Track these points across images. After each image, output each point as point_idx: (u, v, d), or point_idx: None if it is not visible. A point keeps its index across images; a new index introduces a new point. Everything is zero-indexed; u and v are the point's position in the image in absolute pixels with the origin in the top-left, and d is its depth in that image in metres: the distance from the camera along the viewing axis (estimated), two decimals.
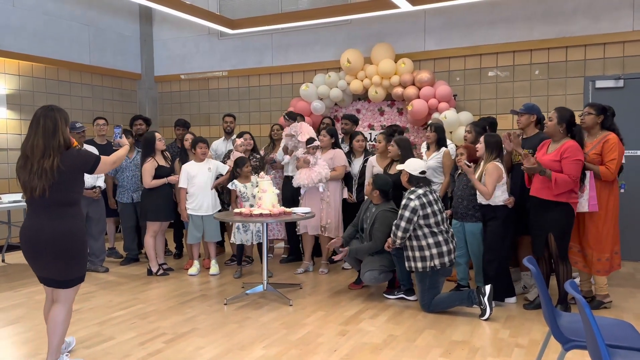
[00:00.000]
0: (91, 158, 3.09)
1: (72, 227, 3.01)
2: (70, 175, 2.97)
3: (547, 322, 2.61)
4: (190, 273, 5.62)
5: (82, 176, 3.10)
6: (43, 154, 2.90)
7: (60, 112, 3.01)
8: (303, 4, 7.84)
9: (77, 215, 3.06)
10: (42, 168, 2.88)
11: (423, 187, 4.29)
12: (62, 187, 2.95)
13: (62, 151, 2.94)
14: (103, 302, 4.65)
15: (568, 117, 4.11)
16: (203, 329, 3.95)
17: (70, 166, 2.96)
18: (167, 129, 8.49)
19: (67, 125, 3.00)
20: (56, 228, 2.95)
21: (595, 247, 4.25)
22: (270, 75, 8.26)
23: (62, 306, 3.06)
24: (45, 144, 2.90)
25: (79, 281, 3.11)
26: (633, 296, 4.73)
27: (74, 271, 3.04)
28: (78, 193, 3.09)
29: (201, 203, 5.56)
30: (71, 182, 3.00)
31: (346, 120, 6.28)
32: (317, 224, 5.55)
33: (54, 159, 2.89)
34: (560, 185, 3.96)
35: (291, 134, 5.70)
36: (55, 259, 2.97)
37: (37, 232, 2.95)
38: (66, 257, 2.99)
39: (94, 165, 3.08)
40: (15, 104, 7.21)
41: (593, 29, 6.28)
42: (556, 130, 4.12)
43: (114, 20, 8.58)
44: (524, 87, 6.69)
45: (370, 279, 4.62)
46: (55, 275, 3.01)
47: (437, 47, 7.08)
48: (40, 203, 2.95)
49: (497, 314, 4.19)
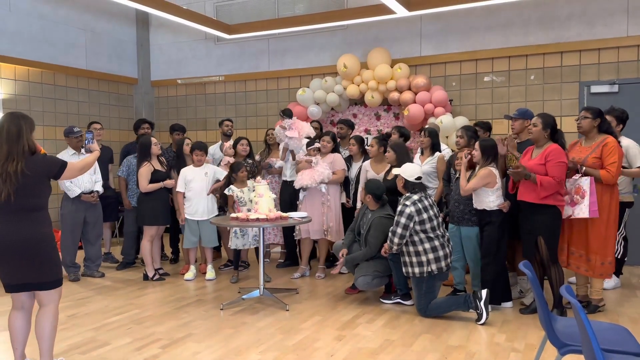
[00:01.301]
0: (56, 163, 3.08)
1: (39, 233, 2.99)
2: (35, 180, 2.97)
3: (543, 327, 2.62)
4: (187, 278, 5.61)
5: (47, 181, 3.07)
6: (6, 158, 2.92)
7: (26, 119, 3.04)
8: (299, 9, 7.87)
9: (44, 220, 3.04)
10: (7, 172, 2.89)
11: (418, 193, 4.30)
12: (28, 192, 2.95)
13: (27, 156, 2.96)
14: (99, 307, 4.64)
15: (552, 123, 4.21)
16: (199, 334, 3.94)
17: (35, 171, 2.97)
18: (164, 133, 8.48)
19: (31, 131, 3.03)
20: (23, 233, 2.93)
21: (599, 250, 4.23)
22: (267, 80, 8.28)
23: (47, 309, 3.06)
24: (8, 149, 2.93)
25: (58, 284, 3.09)
26: (628, 300, 4.74)
27: (48, 274, 3.02)
28: (44, 198, 3.06)
29: (197, 208, 5.56)
30: (36, 187, 2.99)
31: (341, 125, 6.29)
32: (320, 229, 5.55)
33: (18, 163, 2.91)
34: (546, 188, 4.02)
35: (284, 126, 5.70)
36: (27, 263, 2.95)
37: (4, 238, 2.93)
38: (37, 261, 2.97)
39: (60, 171, 3.07)
40: (11, 108, 7.19)
41: (588, 34, 6.32)
42: (541, 135, 4.20)
43: (111, 25, 8.58)
44: (519, 92, 6.72)
45: (363, 285, 4.62)
46: (31, 279, 2.99)
47: (433, 52, 7.11)
48: (5, 208, 2.93)
49: (494, 318, 4.19)
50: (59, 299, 3.14)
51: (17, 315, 3.09)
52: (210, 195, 5.65)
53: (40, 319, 3.06)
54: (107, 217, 6.31)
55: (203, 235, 5.61)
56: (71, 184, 5.46)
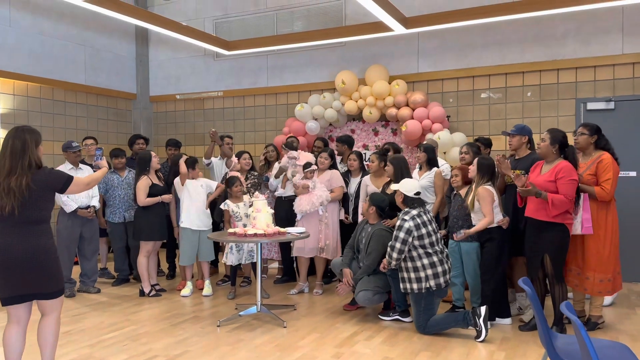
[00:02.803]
0: (62, 178, 3.12)
1: (42, 245, 3.02)
2: (40, 194, 3.01)
3: (543, 344, 2.60)
4: (183, 294, 5.57)
5: (52, 195, 3.12)
6: (9, 173, 2.95)
7: (32, 133, 3.08)
8: (298, 26, 7.94)
9: (46, 232, 3.08)
10: (9, 187, 2.92)
11: (417, 208, 4.30)
12: (32, 206, 2.98)
13: (34, 171, 3.00)
14: (94, 324, 4.59)
15: (560, 138, 4.14)
16: (195, 351, 3.89)
17: (41, 185, 3.00)
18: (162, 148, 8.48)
19: (37, 145, 3.06)
20: (26, 246, 2.97)
21: (598, 268, 4.20)
22: (266, 95, 8.32)
23: (51, 317, 3.13)
24: (11, 164, 2.96)
25: (61, 293, 3.15)
26: (628, 317, 4.72)
27: (53, 284, 3.07)
28: (48, 211, 3.11)
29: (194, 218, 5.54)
30: (41, 201, 3.03)
31: (338, 143, 6.31)
32: (315, 246, 5.52)
33: (23, 177, 2.94)
34: (557, 206, 3.97)
35: (294, 156, 5.70)
36: (31, 274, 2.98)
37: (7, 250, 2.95)
38: (41, 272, 3.01)
39: (65, 185, 3.11)
40: (9, 123, 7.19)
41: (583, 52, 6.39)
42: (549, 151, 4.15)
43: (110, 41, 8.63)
44: (516, 108, 6.77)
45: (364, 300, 4.59)
46: (36, 289, 3.03)
47: (431, 69, 7.17)
48: (9, 221, 2.97)
49: (493, 335, 4.16)
50: (61, 307, 3.19)
51: (13, 329, 3.08)
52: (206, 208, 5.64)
53: (43, 328, 3.11)
54: (104, 233, 6.28)
55: (201, 249, 5.59)
56: (68, 199, 5.44)
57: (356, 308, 4.99)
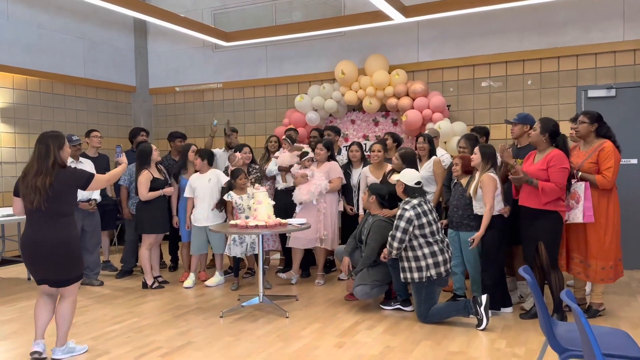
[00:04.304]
0: (84, 176, 3.54)
1: (67, 236, 3.45)
2: (63, 191, 3.42)
3: (544, 332, 2.61)
4: (186, 285, 5.59)
5: (75, 191, 3.53)
6: (36, 173, 3.38)
7: (55, 138, 3.47)
8: (297, 17, 7.90)
9: (70, 224, 3.49)
10: (35, 185, 3.34)
11: (418, 198, 4.30)
12: (56, 201, 3.39)
13: (57, 170, 3.40)
14: (98, 316, 4.62)
15: (551, 127, 4.16)
16: (199, 342, 3.92)
17: (64, 183, 3.41)
18: (162, 141, 8.48)
19: (60, 148, 3.45)
20: (52, 237, 3.39)
21: (599, 256, 4.22)
22: (265, 86, 8.29)
23: (68, 300, 3.56)
24: (38, 165, 3.39)
25: (79, 278, 3.59)
26: (629, 305, 4.73)
27: (72, 272, 3.51)
28: (71, 205, 3.55)
29: (201, 214, 5.56)
30: (64, 197, 3.45)
31: (328, 131, 6.33)
32: (313, 237, 5.53)
33: (47, 177, 3.35)
34: (547, 194, 4.00)
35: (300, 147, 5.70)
36: (54, 264, 3.41)
37: (35, 241, 3.40)
38: (63, 262, 3.43)
39: (87, 183, 3.53)
40: (9, 117, 7.20)
41: (584, 39, 6.36)
42: (539, 139, 4.18)
43: (109, 34, 8.60)
44: (516, 97, 6.74)
45: (361, 294, 4.60)
46: (57, 277, 3.45)
47: (431, 58, 7.14)
48: (36, 214, 3.40)
49: (494, 324, 4.18)
50: (77, 290, 3.62)
51: (42, 302, 3.57)
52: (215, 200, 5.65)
53: (61, 308, 3.55)
54: (106, 226, 6.30)
55: (212, 241, 5.61)
56: None
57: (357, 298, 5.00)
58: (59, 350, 3.57)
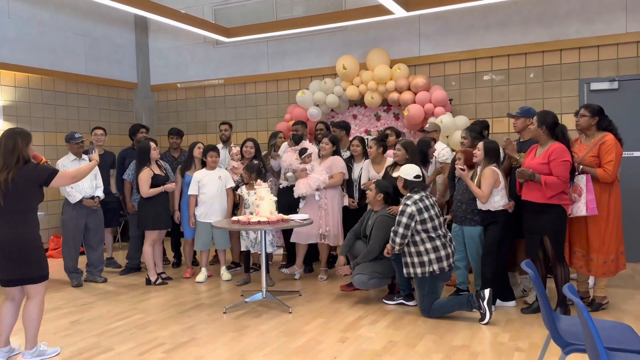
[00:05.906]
0: (45, 172, 3.43)
1: (25, 233, 3.37)
2: (24, 186, 3.34)
3: (547, 326, 2.61)
4: (198, 280, 5.63)
5: (37, 188, 3.42)
6: (1, 168, 3.31)
7: (22, 134, 3.40)
8: (298, 12, 7.87)
9: (30, 221, 3.42)
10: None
11: (419, 192, 4.30)
12: (17, 197, 3.32)
13: (20, 166, 3.32)
14: (101, 313, 4.64)
15: (548, 120, 4.13)
16: (202, 338, 3.93)
17: (25, 178, 3.34)
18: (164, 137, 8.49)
19: (27, 144, 3.38)
20: (9, 233, 3.32)
21: (601, 249, 4.22)
22: (267, 82, 8.28)
23: (34, 300, 3.46)
24: (4, 160, 3.32)
25: (45, 278, 3.48)
26: (632, 298, 4.73)
27: (36, 270, 3.41)
28: (33, 202, 3.44)
29: (211, 210, 5.57)
30: (25, 193, 3.36)
31: (335, 128, 6.32)
32: (315, 233, 5.54)
33: (9, 172, 3.29)
34: (551, 187, 3.99)
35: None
36: (17, 261, 3.33)
37: None
38: (26, 258, 3.36)
39: (49, 178, 3.41)
40: (11, 115, 7.21)
41: (587, 31, 6.32)
42: (538, 133, 4.16)
43: (110, 30, 8.59)
44: (519, 90, 6.71)
45: (358, 283, 4.64)
46: (21, 275, 3.37)
47: (432, 52, 7.11)
48: None
49: (497, 318, 4.18)
50: (45, 291, 3.53)
51: (7, 305, 3.48)
52: (224, 197, 5.67)
53: (28, 309, 3.46)
54: (109, 223, 6.32)
55: (215, 238, 5.63)
56: (72, 190, 5.46)
57: (353, 289, 5.03)
58: (29, 353, 3.48)
